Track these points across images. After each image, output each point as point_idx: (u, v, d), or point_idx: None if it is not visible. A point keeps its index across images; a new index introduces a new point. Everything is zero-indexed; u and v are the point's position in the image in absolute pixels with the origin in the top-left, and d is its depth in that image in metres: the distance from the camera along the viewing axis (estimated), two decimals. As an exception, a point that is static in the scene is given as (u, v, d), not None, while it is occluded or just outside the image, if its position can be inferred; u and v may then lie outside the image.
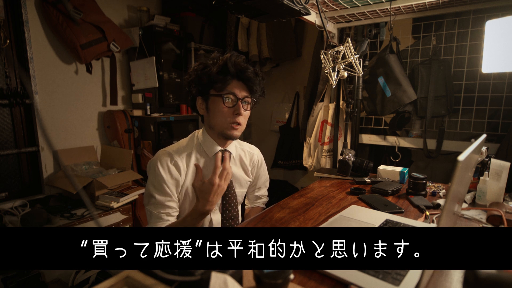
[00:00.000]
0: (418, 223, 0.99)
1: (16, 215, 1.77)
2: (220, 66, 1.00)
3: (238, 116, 1.03)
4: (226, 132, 1.05)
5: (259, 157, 1.28)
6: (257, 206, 1.35)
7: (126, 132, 2.38)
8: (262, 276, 0.57)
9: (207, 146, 1.09)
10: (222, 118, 1.03)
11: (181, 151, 1.07)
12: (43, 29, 2.05)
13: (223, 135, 1.06)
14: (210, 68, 1.01)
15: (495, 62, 1.37)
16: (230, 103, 1.02)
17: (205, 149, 1.09)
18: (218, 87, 1.01)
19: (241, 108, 1.02)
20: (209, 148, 1.09)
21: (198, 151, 1.10)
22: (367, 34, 1.97)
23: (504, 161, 1.15)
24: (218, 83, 1.01)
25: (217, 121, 1.04)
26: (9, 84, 1.93)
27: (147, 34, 2.37)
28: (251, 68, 1.04)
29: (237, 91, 1.02)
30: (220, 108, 1.02)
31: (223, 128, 1.04)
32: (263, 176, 1.32)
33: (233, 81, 1.02)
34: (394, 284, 0.65)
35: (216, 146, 1.09)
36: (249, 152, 1.25)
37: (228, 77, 1.01)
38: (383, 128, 2.10)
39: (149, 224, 1.03)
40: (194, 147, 1.09)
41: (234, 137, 1.07)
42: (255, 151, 1.27)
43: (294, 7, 1.21)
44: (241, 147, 1.23)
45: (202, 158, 1.09)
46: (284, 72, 3.15)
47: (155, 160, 1.03)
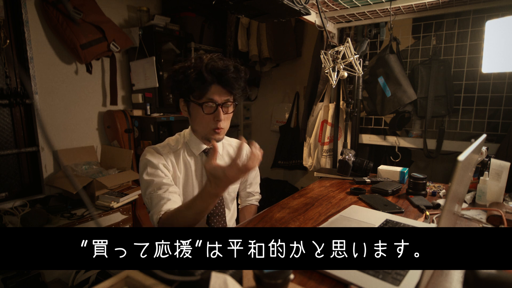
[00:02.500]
0: (418, 223, 0.99)
1: (16, 215, 1.77)
2: (196, 74, 0.97)
3: (219, 121, 1.02)
4: (209, 137, 1.06)
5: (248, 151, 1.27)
6: (251, 205, 1.34)
7: (126, 132, 2.38)
8: (262, 276, 0.57)
9: (193, 146, 1.11)
10: (204, 124, 1.04)
11: (168, 148, 1.09)
12: (43, 29, 2.05)
13: (207, 139, 1.08)
14: (187, 73, 0.98)
15: (495, 62, 1.37)
16: (210, 109, 1.01)
17: (191, 148, 1.11)
18: (197, 95, 1.00)
19: (221, 114, 1.01)
20: (195, 147, 1.11)
21: (186, 150, 1.12)
22: (367, 34, 1.97)
23: (504, 161, 1.15)
24: (196, 90, 0.99)
25: (199, 127, 1.06)
26: (9, 84, 1.93)
27: (147, 34, 2.37)
28: (231, 68, 1.00)
29: (217, 96, 1.00)
30: (200, 115, 1.02)
31: (205, 133, 1.06)
32: (253, 171, 1.31)
33: (212, 87, 0.99)
34: (394, 284, 0.65)
35: (202, 145, 1.11)
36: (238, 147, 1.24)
37: (206, 84, 0.98)
38: (383, 128, 2.10)
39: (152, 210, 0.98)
40: (181, 146, 1.11)
41: (218, 140, 1.08)
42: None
43: (294, 7, 1.21)
44: (228, 143, 1.23)
45: (189, 156, 1.11)
46: (284, 72, 3.15)
47: (144, 153, 1.06)
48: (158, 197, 0.97)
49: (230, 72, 0.99)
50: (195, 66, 0.99)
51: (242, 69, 1.03)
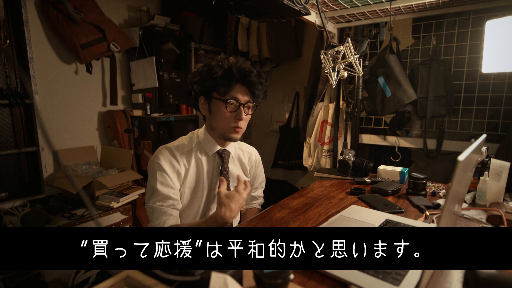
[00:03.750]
0: (418, 223, 0.99)
1: (16, 215, 1.77)
2: (225, 71, 1.01)
3: (240, 121, 1.05)
4: (227, 135, 1.08)
5: (257, 157, 1.30)
6: (253, 208, 1.35)
7: (126, 132, 2.38)
8: (262, 276, 0.57)
9: (207, 145, 1.11)
10: (224, 122, 1.05)
11: (182, 148, 1.09)
12: (43, 29, 2.05)
13: (224, 137, 1.09)
14: (215, 70, 1.02)
15: (495, 62, 1.37)
16: (233, 108, 1.04)
17: (205, 148, 1.11)
18: (222, 92, 1.03)
19: (242, 113, 1.04)
20: (209, 147, 1.11)
21: (199, 149, 1.12)
22: (367, 34, 1.97)
23: (504, 161, 1.15)
24: (222, 87, 1.02)
25: (219, 124, 1.07)
26: (9, 84, 1.93)
27: (147, 34, 2.37)
28: (255, 71, 1.04)
29: (240, 96, 1.03)
30: (222, 112, 1.04)
31: (224, 131, 1.07)
32: (260, 176, 1.33)
33: (237, 86, 1.03)
34: (394, 284, 0.65)
35: (216, 146, 1.12)
36: (248, 152, 1.27)
37: (232, 82, 1.01)
38: (383, 128, 2.10)
39: (152, 221, 1.01)
40: (194, 145, 1.11)
41: (235, 139, 1.10)
42: (253, 151, 1.29)
43: (294, 7, 1.21)
44: (239, 147, 1.25)
45: (204, 157, 1.11)
46: (284, 72, 3.15)
47: (157, 154, 1.05)
48: (161, 211, 1.01)
49: (253, 75, 1.03)
50: (222, 64, 1.02)
51: (263, 75, 1.08)
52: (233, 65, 1.01)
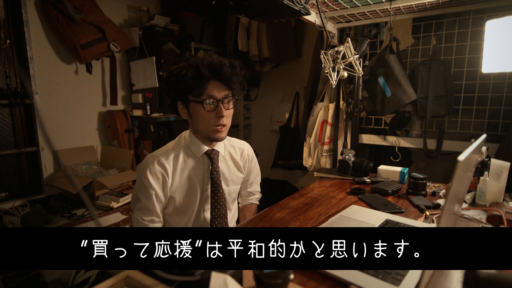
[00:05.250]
0: (418, 223, 0.99)
1: (16, 215, 1.77)
2: (194, 70, 0.96)
3: (221, 118, 1.01)
4: (211, 135, 1.05)
5: (250, 152, 1.27)
6: (251, 203, 1.34)
7: (126, 132, 2.38)
8: (262, 276, 0.57)
9: (194, 148, 1.09)
10: (206, 123, 1.02)
11: (168, 154, 1.07)
12: (43, 29, 2.05)
13: (210, 138, 1.07)
14: (184, 72, 0.97)
15: (495, 62, 1.37)
16: (211, 107, 1.00)
17: (192, 150, 1.09)
18: (196, 93, 0.99)
19: (222, 110, 1.00)
20: (197, 149, 1.09)
21: (185, 152, 1.09)
22: (367, 34, 1.97)
23: (504, 161, 1.15)
24: (195, 88, 0.98)
25: (201, 126, 1.04)
26: (9, 84, 1.93)
27: (147, 34, 2.36)
28: (226, 63, 0.99)
29: (216, 92, 0.99)
30: (201, 113, 1.00)
31: (208, 132, 1.04)
32: (255, 171, 1.31)
33: (210, 83, 0.98)
34: (394, 284, 0.65)
35: (203, 147, 1.10)
36: (239, 148, 1.23)
37: (204, 81, 0.97)
38: (383, 128, 2.10)
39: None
40: (181, 148, 1.09)
41: (221, 139, 1.07)
42: (245, 146, 1.26)
43: (294, 7, 1.21)
44: (230, 143, 1.22)
45: (190, 159, 1.09)
46: (284, 72, 3.15)
47: (144, 166, 1.03)
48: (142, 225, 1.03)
49: (226, 67, 0.98)
50: (190, 64, 0.97)
51: (237, 64, 1.02)
52: (199, 63, 0.96)
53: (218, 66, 0.97)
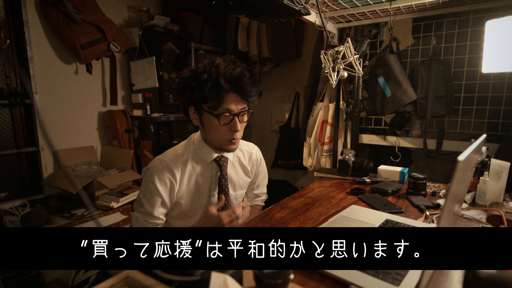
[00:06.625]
0: (418, 223, 0.99)
1: (16, 215, 1.77)
2: (213, 82, 0.91)
3: (235, 132, 0.98)
4: (224, 147, 1.02)
5: (258, 155, 1.26)
6: (256, 205, 1.35)
7: (126, 132, 2.38)
8: (262, 276, 0.57)
9: (203, 154, 1.07)
10: (219, 135, 0.99)
11: (177, 158, 1.04)
12: (43, 29, 2.05)
13: (221, 149, 1.05)
14: (201, 80, 0.91)
15: (495, 62, 1.37)
16: (226, 120, 0.96)
17: (201, 156, 1.07)
18: (212, 106, 0.94)
19: (237, 124, 0.97)
20: (206, 155, 1.07)
21: (194, 157, 1.06)
22: (367, 34, 1.97)
23: (504, 161, 1.15)
24: (212, 101, 0.93)
25: (214, 138, 1.01)
26: (9, 84, 1.93)
27: (147, 34, 2.37)
28: (247, 73, 0.94)
29: (233, 105, 0.95)
30: (215, 126, 0.97)
31: (220, 144, 1.02)
32: (262, 173, 1.30)
33: (229, 95, 0.93)
34: (394, 284, 0.65)
35: (213, 154, 1.07)
36: (248, 152, 1.22)
37: (223, 94, 0.92)
38: (383, 128, 2.10)
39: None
40: (190, 153, 1.06)
41: (233, 150, 1.05)
42: (253, 150, 1.24)
43: (294, 7, 1.21)
44: (238, 148, 1.19)
45: (199, 165, 1.07)
46: (284, 72, 3.15)
47: (152, 171, 1.00)
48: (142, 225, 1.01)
49: (246, 78, 0.93)
50: (210, 73, 0.92)
51: (256, 73, 0.98)
52: (221, 76, 0.90)
53: (239, 77, 0.92)
